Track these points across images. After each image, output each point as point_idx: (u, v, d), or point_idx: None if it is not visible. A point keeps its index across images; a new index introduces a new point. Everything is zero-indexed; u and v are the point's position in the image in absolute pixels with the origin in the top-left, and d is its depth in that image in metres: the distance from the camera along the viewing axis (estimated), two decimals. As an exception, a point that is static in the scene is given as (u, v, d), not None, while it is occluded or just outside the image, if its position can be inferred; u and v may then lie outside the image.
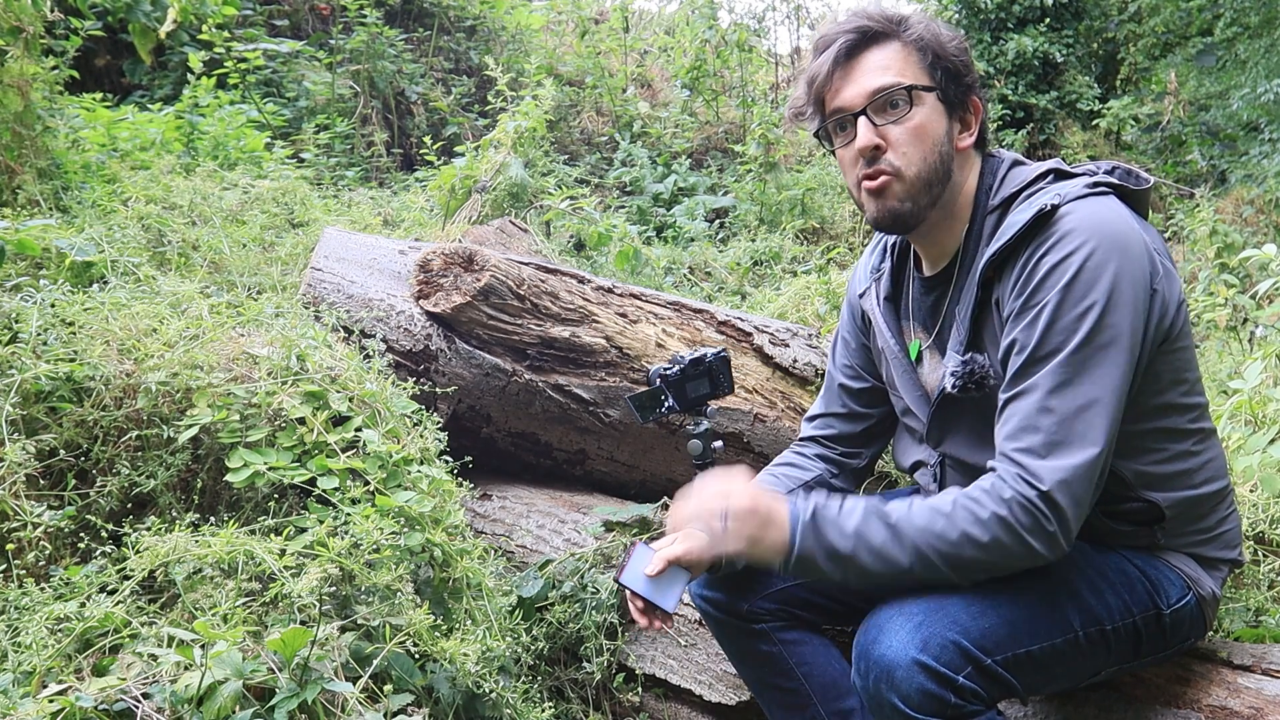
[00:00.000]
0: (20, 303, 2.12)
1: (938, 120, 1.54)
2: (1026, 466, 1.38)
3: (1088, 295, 1.38)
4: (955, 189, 1.58)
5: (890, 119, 1.52)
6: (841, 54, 1.53)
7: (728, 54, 6.90)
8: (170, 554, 1.67)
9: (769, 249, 4.97)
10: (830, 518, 1.44)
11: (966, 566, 1.40)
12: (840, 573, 1.44)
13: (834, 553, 1.43)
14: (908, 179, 1.53)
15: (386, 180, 5.41)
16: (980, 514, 1.38)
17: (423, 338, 2.49)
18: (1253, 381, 2.23)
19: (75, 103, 3.97)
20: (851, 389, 1.84)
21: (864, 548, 1.42)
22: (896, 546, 1.41)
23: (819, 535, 1.44)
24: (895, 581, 1.45)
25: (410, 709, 1.72)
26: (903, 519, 1.42)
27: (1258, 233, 6.21)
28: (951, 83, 1.54)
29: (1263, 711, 1.56)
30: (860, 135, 1.52)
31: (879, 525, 1.42)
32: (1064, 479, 1.36)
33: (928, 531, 1.40)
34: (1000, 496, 1.38)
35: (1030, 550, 1.38)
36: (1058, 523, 1.37)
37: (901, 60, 1.52)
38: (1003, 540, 1.37)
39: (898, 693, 1.35)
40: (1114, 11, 8.81)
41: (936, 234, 1.61)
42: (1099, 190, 1.47)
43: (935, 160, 1.53)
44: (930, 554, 1.40)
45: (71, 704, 1.42)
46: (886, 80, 1.51)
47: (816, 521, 1.44)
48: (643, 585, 1.58)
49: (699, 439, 2.18)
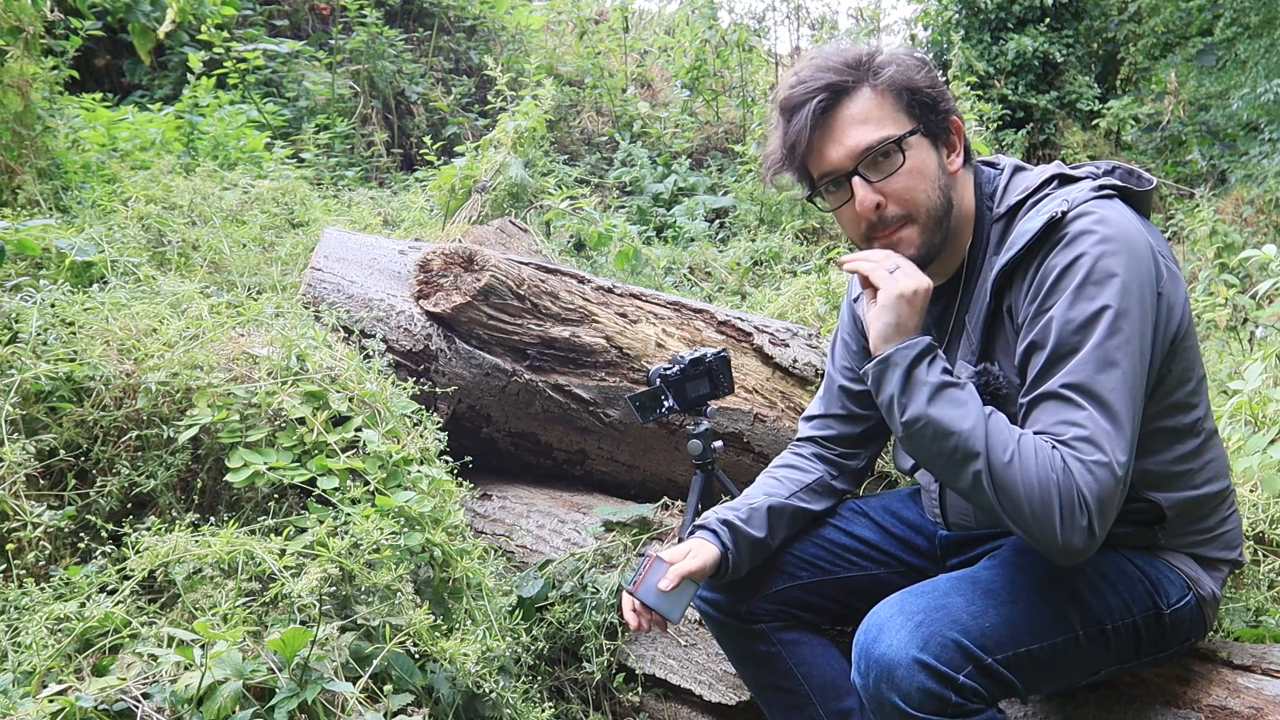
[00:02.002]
0: (20, 303, 2.12)
1: (928, 156, 1.52)
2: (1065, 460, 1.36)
3: (1100, 295, 1.38)
4: (956, 212, 1.57)
5: (884, 173, 1.50)
6: (817, 115, 1.49)
7: (728, 54, 6.90)
8: (170, 554, 1.67)
9: (769, 249, 4.97)
10: (940, 358, 1.44)
11: (999, 486, 1.36)
12: (906, 397, 1.42)
13: (918, 381, 1.42)
14: (919, 222, 1.52)
15: (386, 180, 5.41)
16: (1040, 458, 1.35)
17: (423, 338, 2.49)
18: (1253, 382, 2.23)
19: (75, 103, 3.97)
20: (851, 391, 1.84)
21: (943, 397, 1.40)
22: (964, 417, 1.38)
23: (917, 361, 1.43)
24: (934, 452, 1.42)
25: (410, 709, 1.72)
26: (982, 409, 1.40)
27: (1258, 233, 6.21)
28: (930, 115, 1.52)
29: (1263, 711, 1.56)
30: (859, 198, 1.50)
31: (966, 394, 1.41)
32: (1096, 478, 1.34)
33: (995, 435, 1.37)
34: (1054, 464, 1.34)
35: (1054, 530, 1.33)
36: (1087, 519, 1.34)
37: (879, 109, 1.50)
38: (1042, 497, 1.33)
39: (898, 691, 1.35)
40: (1114, 11, 8.82)
41: (940, 250, 1.61)
42: (1105, 194, 1.47)
43: (937, 195, 1.53)
44: (983, 450, 1.36)
45: (71, 704, 1.42)
46: (871, 137, 1.49)
47: (924, 353, 1.43)
48: (654, 598, 1.60)
49: (699, 439, 2.18)
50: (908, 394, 1.42)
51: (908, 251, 1.53)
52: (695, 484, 2.19)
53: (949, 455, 1.40)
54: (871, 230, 1.54)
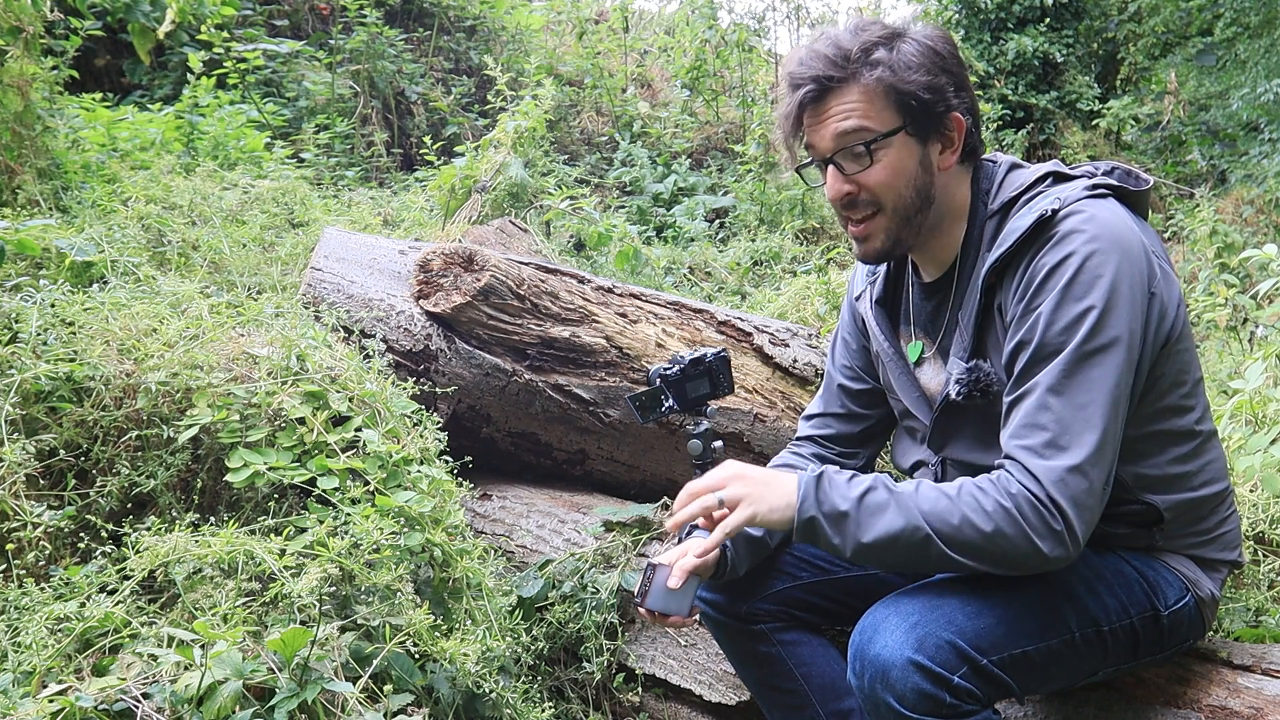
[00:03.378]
0: (20, 303, 2.12)
1: (908, 156, 1.53)
2: (1028, 465, 1.38)
3: (1087, 296, 1.39)
4: (945, 205, 1.58)
5: (860, 165, 1.52)
6: (808, 100, 1.53)
7: (728, 54, 6.90)
8: (170, 554, 1.67)
9: (769, 249, 4.97)
10: (837, 481, 1.45)
11: (963, 550, 1.38)
12: (840, 538, 1.43)
13: (835, 514, 1.42)
14: (886, 213, 1.55)
15: (386, 180, 5.41)
16: (984, 503, 1.38)
17: (423, 338, 2.49)
18: (1254, 382, 2.23)
19: (75, 103, 3.97)
20: (850, 390, 1.84)
21: (865, 512, 1.41)
22: (897, 515, 1.40)
23: (822, 496, 1.43)
24: (894, 560, 1.45)
25: (410, 709, 1.72)
26: (907, 493, 1.42)
27: (1258, 233, 6.21)
28: (923, 113, 1.51)
29: (1263, 711, 1.56)
30: (830, 184, 1.55)
31: (883, 493, 1.42)
32: (1061, 479, 1.36)
33: (932, 509, 1.39)
34: (1007, 489, 1.38)
35: (1034, 548, 1.36)
36: (1063, 522, 1.36)
37: (864, 105, 1.50)
38: (1005, 532, 1.36)
39: (893, 693, 1.35)
40: (1114, 11, 8.82)
41: (932, 246, 1.62)
42: (1098, 193, 1.47)
43: (911, 194, 1.54)
44: (929, 531, 1.38)
45: (71, 704, 1.42)
46: (850, 126, 1.50)
47: (821, 482, 1.44)
48: (662, 602, 1.60)
49: (699, 439, 2.18)
50: (842, 533, 1.43)
51: (874, 244, 1.57)
52: (695, 484, 2.19)
53: (908, 554, 1.41)
54: (845, 211, 1.58)
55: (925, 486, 1.43)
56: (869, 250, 1.60)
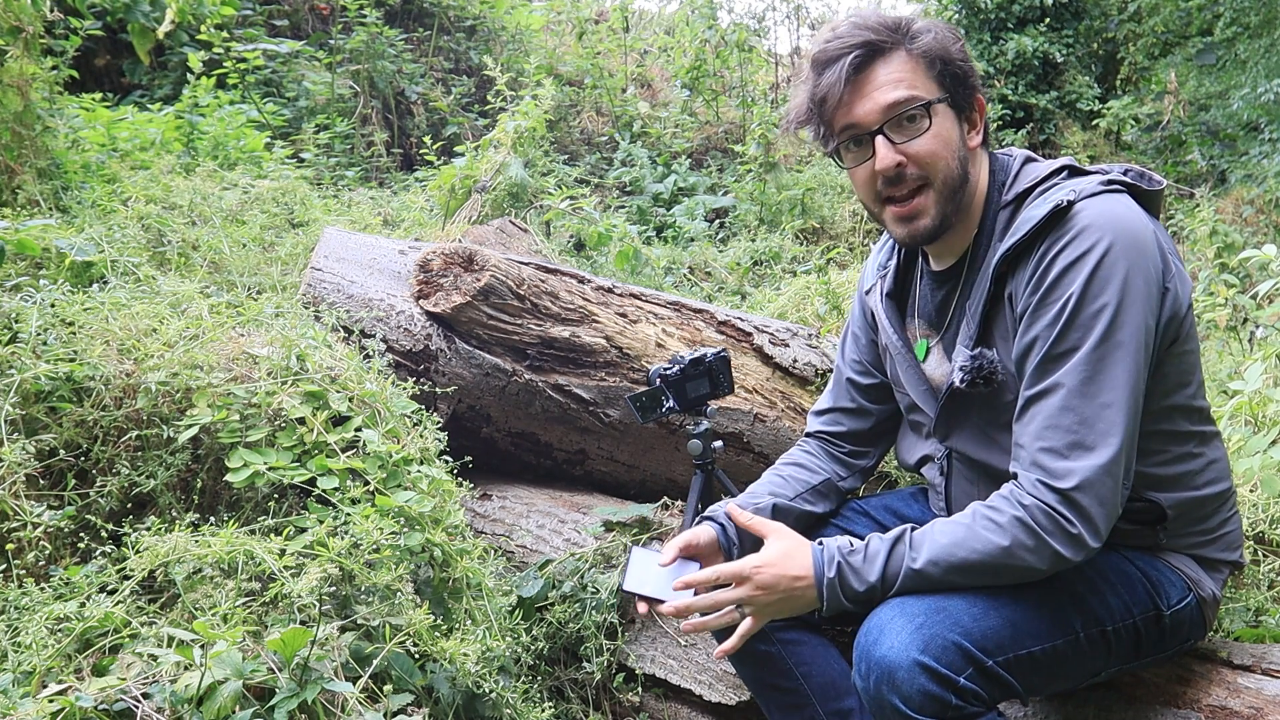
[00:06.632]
0: (20, 303, 2.12)
1: (951, 127, 1.53)
2: (1049, 468, 1.39)
3: (1104, 293, 1.39)
4: (970, 189, 1.58)
5: (908, 135, 1.51)
6: (850, 70, 1.50)
7: (728, 54, 6.90)
8: (170, 554, 1.67)
9: (769, 249, 4.97)
10: (854, 565, 1.48)
11: (990, 572, 1.42)
12: (870, 605, 1.48)
13: (859, 597, 1.48)
14: (935, 188, 1.53)
15: (386, 180, 5.41)
16: (999, 519, 1.41)
17: (423, 338, 2.49)
18: (1253, 383, 2.22)
19: (75, 103, 3.97)
20: (860, 384, 1.85)
21: (888, 584, 1.46)
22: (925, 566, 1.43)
23: (846, 590, 1.48)
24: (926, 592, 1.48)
25: (410, 709, 1.72)
26: (924, 536, 1.45)
27: (1258, 233, 6.21)
28: (959, 87, 1.53)
29: (1263, 711, 1.56)
30: (880, 156, 1.51)
31: (902, 549, 1.46)
32: (1088, 478, 1.37)
33: (951, 544, 1.43)
34: (1019, 502, 1.41)
35: (1054, 553, 1.39)
36: (1081, 523, 1.38)
37: (911, 72, 1.51)
38: (1024, 542, 1.39)
39: (899, 694, 1.35)
40: (1114, 11, 8.81)
41: (949, 234, 1.61)
42: (1113, 188, 1.47)
43: (956, 166, 1.53)
44: (955, 565, 1.42)
45: (71, 704, 1.42)
46: (901, 95, 1.49)
47: (843, 576, 1.48)
48: (649, 586, 1.60)
49: (699, 439, 2.18)
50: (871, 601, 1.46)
51: (922, 222, 1.55)
52: (695, 484, 2.19)
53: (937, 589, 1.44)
54: (888, 189, 1.54)
55: (940, 523, 1.47)
56: (918, 229, 1.56)
